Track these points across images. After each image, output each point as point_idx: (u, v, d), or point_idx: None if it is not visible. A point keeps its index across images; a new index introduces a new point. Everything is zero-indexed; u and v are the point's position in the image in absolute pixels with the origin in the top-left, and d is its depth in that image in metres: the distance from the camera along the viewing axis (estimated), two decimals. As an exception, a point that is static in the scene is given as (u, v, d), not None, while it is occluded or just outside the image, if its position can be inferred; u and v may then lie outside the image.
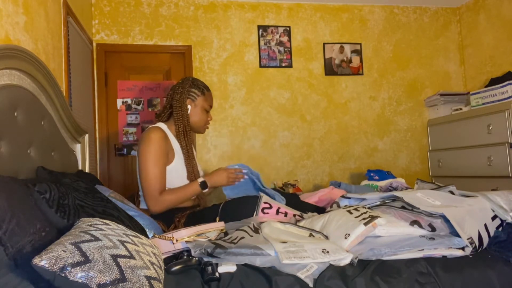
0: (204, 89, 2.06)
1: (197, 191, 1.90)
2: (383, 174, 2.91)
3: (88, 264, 0.82)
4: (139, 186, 1.98)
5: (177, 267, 1.15)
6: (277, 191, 1.94)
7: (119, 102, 3.43)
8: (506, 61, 3.55)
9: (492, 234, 1.38)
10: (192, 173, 1.97)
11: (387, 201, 1.58)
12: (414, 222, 1.36)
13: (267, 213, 1.66)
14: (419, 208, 1.43)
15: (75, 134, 2.23)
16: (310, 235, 1.40)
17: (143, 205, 1.94)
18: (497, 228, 1.42)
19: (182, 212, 1.84)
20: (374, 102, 3.90)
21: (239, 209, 1.70)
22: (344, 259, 1.22)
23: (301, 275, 1.12)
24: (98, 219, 1.06)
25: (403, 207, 1.47)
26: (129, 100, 3.45)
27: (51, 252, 0.81)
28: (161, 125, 1.98)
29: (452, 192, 1.61)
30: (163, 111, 2.06)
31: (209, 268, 1.13)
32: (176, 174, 1.92)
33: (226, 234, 1.38)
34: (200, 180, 1.90)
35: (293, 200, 1.93)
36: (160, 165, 1.85)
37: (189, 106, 2.01)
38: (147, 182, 1.84)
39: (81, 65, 2.86)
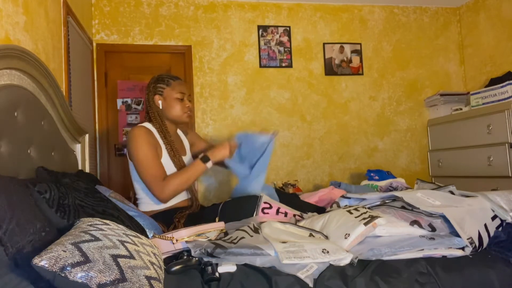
0: (169, 80, 2.02)
1: (201, 168, 1.87)
2: (383, 174, 2.91)
3: (88, 264, 0.82)
4: (135, 189, 1.97)
5: (177, 267, 1.15)
6: (277, 190, 1.93)
7: (119, 102, 3.43)
8: (506, 61, 3.55)
9: (492, 234, 1.38)
10: (180, 168, 1.94)
11: (387, 201, 1.58)
12: (414, 222, 1.36)
13: (267, 213, 1.66)
14: (419, 208, 1.43)
15: (75, 134, 2.23)
16: (310, 235, 1.40)
17: (141, 208, 1.94)
18: (497, 228, 1.42)
19: (182, 212, 1.83)
20: (374, 102, 3.90)
21: (239, 209, 1.70)
22: (344, 259, 1.22)
23: (301, 275, 1.12)
24: (98, 219, 1.06)
25: (403, 207, 1.47)
26: (129, 100, 3.45)
27: (51, 252, 0.81)
28: (145, 124, 1.98)
29: (452, 192, 1.61)
30: (146, 114, 2.05)
31: (209, 268, 1.13)
32: (166, 169, 1.91)
33: (226, 234, 1.38)
34: (200, 155, 1.88)
35: (293, 200, 1.93)
36: (154, 154, 1.84)
37: (159, 102, 1.99)
38: (146, 172, 1.82)
39: (81, 65, 2.86)
